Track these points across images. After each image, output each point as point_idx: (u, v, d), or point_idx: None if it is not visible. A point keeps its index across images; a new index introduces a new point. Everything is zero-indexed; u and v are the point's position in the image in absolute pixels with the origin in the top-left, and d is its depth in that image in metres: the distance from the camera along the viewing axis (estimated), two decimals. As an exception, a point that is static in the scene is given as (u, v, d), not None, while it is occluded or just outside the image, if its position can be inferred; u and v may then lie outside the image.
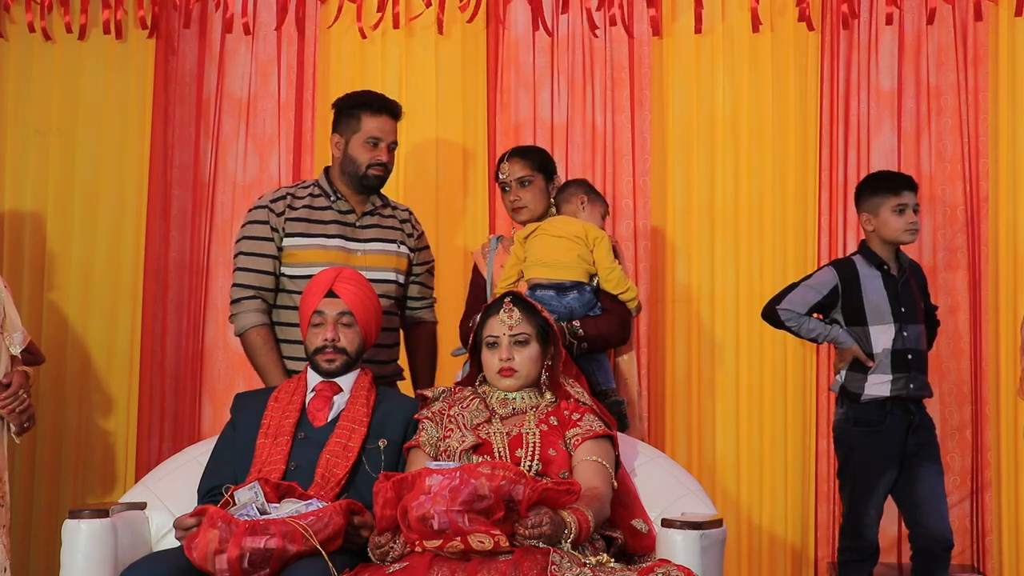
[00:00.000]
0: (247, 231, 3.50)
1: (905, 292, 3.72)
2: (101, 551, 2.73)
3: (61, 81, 4.55)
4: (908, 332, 3.69)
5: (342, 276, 3.11)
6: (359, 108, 3.53)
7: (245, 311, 3.44)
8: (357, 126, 3.51)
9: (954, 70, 4.38)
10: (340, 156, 3.55)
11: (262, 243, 3.47)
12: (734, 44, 4.47)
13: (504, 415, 2.91)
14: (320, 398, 3.02)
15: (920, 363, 3.71)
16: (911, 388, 3.68)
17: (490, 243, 3.82)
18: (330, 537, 2.59)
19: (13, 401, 3.45)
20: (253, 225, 3.49)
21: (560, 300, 3.46)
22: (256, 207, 3.53)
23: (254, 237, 3.48)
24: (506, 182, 3.67)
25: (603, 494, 2.74)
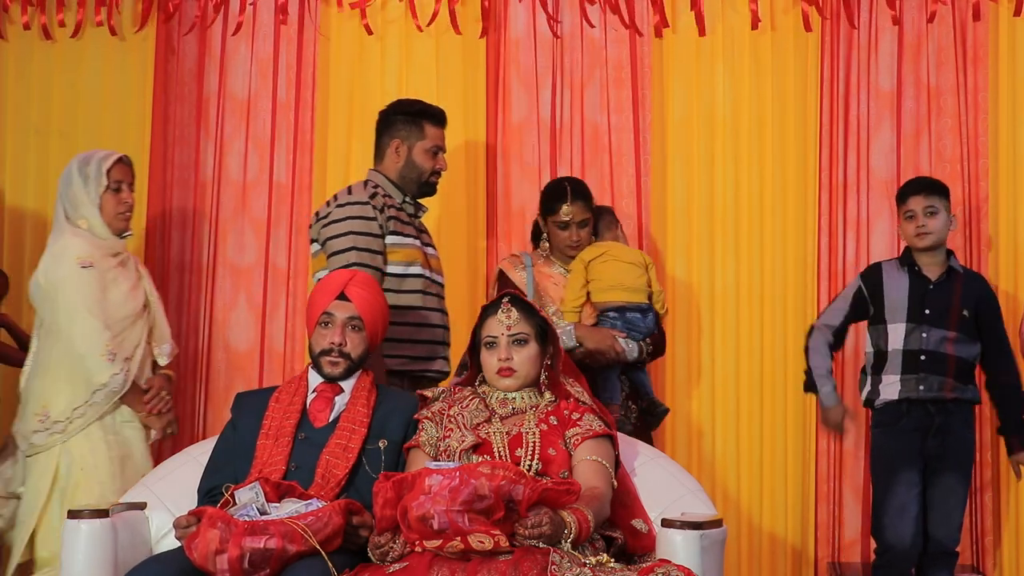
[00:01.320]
0: (355, 226, 3.44)
1: (938, 296, 3.72)
2: (101, 551, 2.73)
3: (61, 81, 4.55)
4: (928, 334, 3.69)
5: (356, 280, 3.10)
6: (422, 117, 3.62)
7: None
8: (421, 134, 3.61)
9: (954, 70, 4.38)
10: (402, 161, 3.60)
11: (374, 239, 3.46)
12: (734, 44, 4.47)
13: (504, 415, 2.91)
14: (321, 399, 3.02)
15: (937, 366, 3.68)
16: (921, 390, 3.67)
17: (523, 259, 3.90)
18: (329, 537, 2.59)
19: (157, 401, 3.52)
20: (362, 221, 3.45)
21: (643, 321, 3.81)
22: (356, 203, 3.48)
23: (366, 233, 3.45)
24: (568, 223, 3.81)
25: (603, 494, 2.74)
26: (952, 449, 3.68)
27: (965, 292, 3.75)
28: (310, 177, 4.56)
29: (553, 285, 3.85)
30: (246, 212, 4.56)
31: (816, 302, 4.37)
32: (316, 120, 4.57)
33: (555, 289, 3.85)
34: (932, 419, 3.68)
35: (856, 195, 4.41)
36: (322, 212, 3.55)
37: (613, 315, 3.81)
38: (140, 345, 3.58)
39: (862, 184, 4.41)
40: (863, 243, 4.39)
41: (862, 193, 4.41)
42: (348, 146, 4.56)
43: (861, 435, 4.34)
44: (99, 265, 3.49)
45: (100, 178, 3.55)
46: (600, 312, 3.83)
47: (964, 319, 3.72)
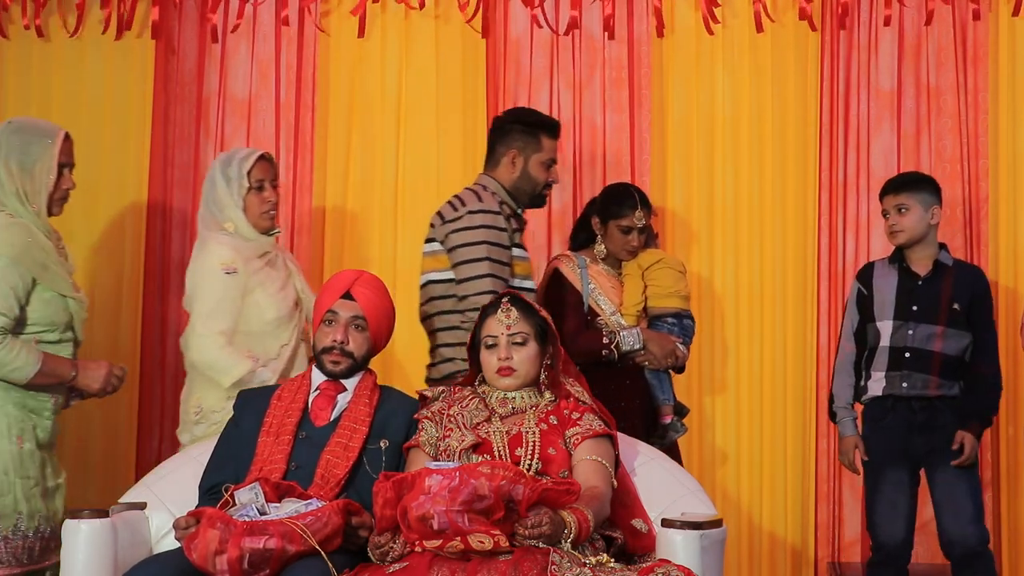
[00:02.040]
0: (490, 236, 3.44)
1: (926, 291, 3.71)
2: (101, 551, 2.73)
3: (61, 81, 4.55)
4: (914, 331, 3.68)
5: (361, 280, 3.10)
6: (539, 129, 3.61)
7: None
8: (538, 146, 3.59)
9: (953, 70, 4.38)
10: (517, 172, 3.59)
11: (504, 251, 3.45)
12: (734, 44, 4.47)
13: (504, 414, 2.91)
14: (324, 397, 3.02)
15: (922, 364, 3.67)
16: (904, 387, 3.67)
17: (577, 261, 3.87)
18: (329, 537, 2.59)
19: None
20: (495, 231, 3.44)
21: (694, 328, 3.95)
22: (488, 211, 3.46)
23: (498, 244, 3.44)
24: (632, 227, 3.83)
25: (603, 493, 2.74)
26: (943, 444, 3.64)
27: (957, 285, 3.72)
28: (310, 177, 4.56)
29: (611, 288, 3.85)
30: (246, 212, 4.56)
31: (816, 302, 4.37)
32: (316, 120, 4.57)
33: (612, 291, 3.85)
34: (916, 416, 3.67)
35: (856, 195, 4.41)
36: (449, 215, 3.49)
37: (672, 321, 3.89)
38: (289, 344, 3.52)
39: (862, 184, 4.41)
40: (863, 243, 4.39)
41: (862, 193, 4.41)
42: (348, 146, 4.56)
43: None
44: (245, 269, 3.44)
45: (241, 179, 3.50)
46: (655, 317, 3.89)
47: (955, 312, 3.69)
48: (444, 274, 3.49)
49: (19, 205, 3.24)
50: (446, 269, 3.48)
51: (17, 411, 3.19)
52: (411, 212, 4.51)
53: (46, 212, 3.29)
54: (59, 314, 3.26)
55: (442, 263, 3.50)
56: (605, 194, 3.97)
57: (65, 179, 3.32)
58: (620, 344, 3.71)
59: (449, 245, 3.47)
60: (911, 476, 3.70)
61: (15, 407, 3.19)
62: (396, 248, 4.51)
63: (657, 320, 3.90)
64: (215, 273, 3.42)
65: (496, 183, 3.58)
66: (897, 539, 3.66)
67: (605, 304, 3.81)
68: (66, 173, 3.33)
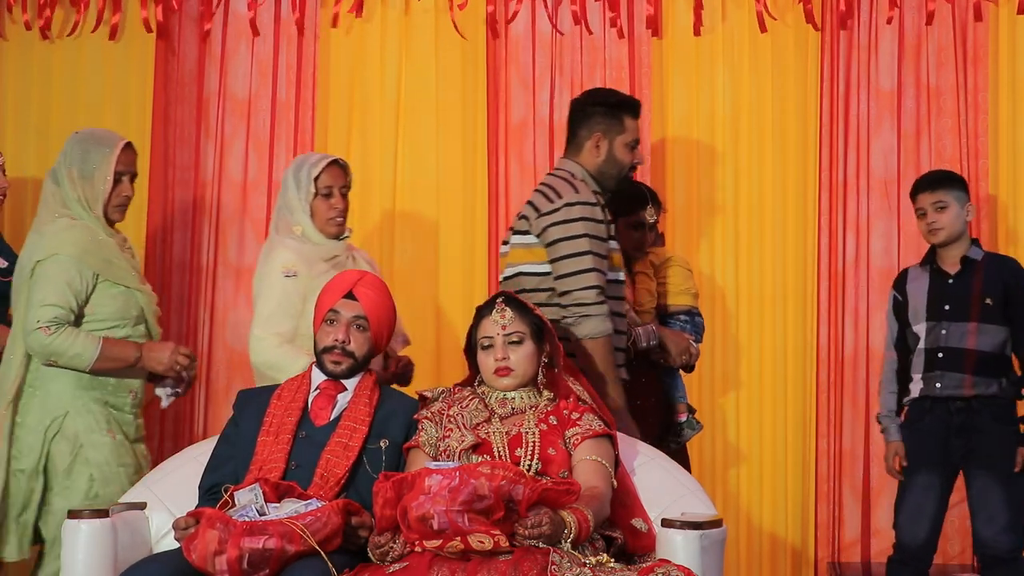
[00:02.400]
0: (590, 228, 3.34)
1: (956, 290, 3.67)
2: (101, 551, 2.73)
3: (61, 81, 4.55)
4: (947, 330, 3.65)
5: (364, 280, 3.10)
6: (620, 110, 3.52)
7: (603, 315, 3.29)
8: (621, 128, 3.50)
9: (954, 70, 4.38)
10: (602, 156, 3.49)
11: (603, 244, 3.37)
12: (734, 44, 4.47)
13: (503, 415, 2.91)
14: (324, 396, 3.02)
15: (954, 363, 3.63)
16: (938, 388, 3.64)
17: None
18: (328, 537, 2.59)
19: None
20: (594, 223, 3.35)
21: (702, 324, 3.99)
22: (586, 203, 3.37)
23: (598, 236, 3.36)
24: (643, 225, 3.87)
25: (603, 493, 2.74)
26: (981, 447, 3.59)
27: (988, 278, 3.66)
28: (310, 177, 4.55)
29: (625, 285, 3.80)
30: (247, 212, 4.57)
31: (816, 302, 4.37)
32: (316, 120, 4.57)
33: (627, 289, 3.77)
34: (952, 418, 3.62)
35: (856, 195, 4.41)
36: (545, 207, 3.38)
37: (684, 319, 3.92)
38: None
39: (862, 184, 4.41)
40: (863, 243, 4.39)
41: (862, 193, 4.41)
42: (348, 146, 4.56)
43: (860, 435, 4.35)
44: (308, 272, 3.44)
45: (309, 185, 3.50)
46: (667, 315, 3.90)
47: (987, 307, 3.62)
48: (539, 267, 3.39)
49: (81, 211, 3.37)
50: (541, 262, 3.38)
51: (100, 407, 3.31)
52: (411, 211, 4.52)
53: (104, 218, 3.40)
54: (128, 308, 3.37)
55: (536, 256, 3.40)
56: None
57: (124, 187, 3.43)
58: (636, 341, 3.69)
59: (548, 239, 3.36)
60: (944, 480, 3.66)
61: (97, 404, 3.31)
62: (394, 248, 4.51)
63: (670, 318, 3.90)
64: (276, 276, 3.44)
65: (581, 168, 3.48)
66: (918, 541, 3.65)
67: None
68: (124, 181, 3.43)
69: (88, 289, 3.30)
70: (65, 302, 3.25)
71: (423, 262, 4.51)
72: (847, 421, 4.37)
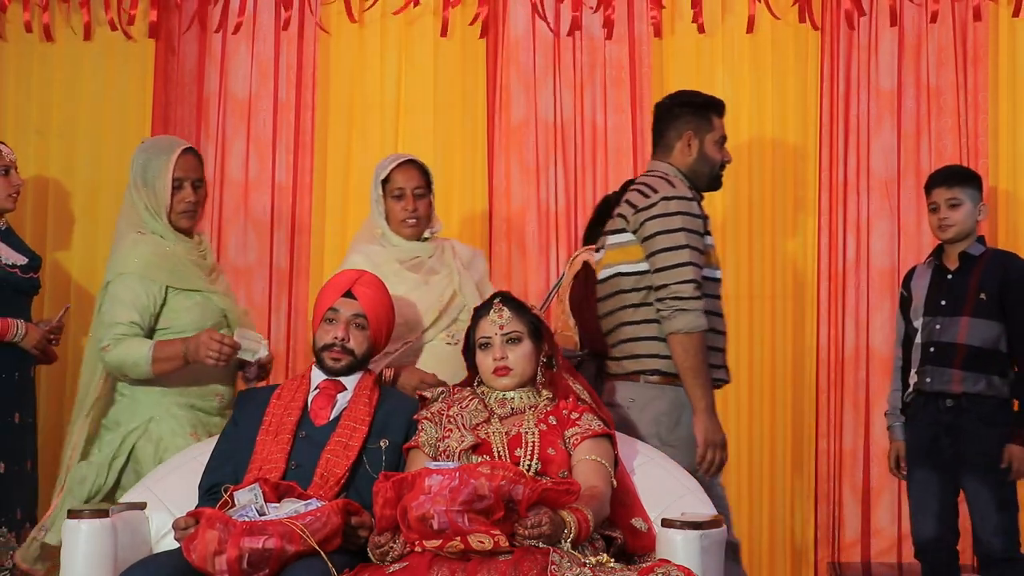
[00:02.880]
0: (687, 223, 3.27)
1: (953, 286, 3.65)
2: (101, 551, 2.73)
3: (61, 81, 4.55)
4: (941, 325, 3.62)
5: (363, 279, 3.11)
6: (708, 109, 3.48)
7: (699, 310, 3.22)
8: (709, 126, 3.45)
9: (954, 70, 4.38)
10: (693, 155, 3.43)
11: (700, 239, 3.32)
12: (734, 44, 4.47)
13: (503, 415, 2.91)
14: (323, 396, 3.02)
15: (943, 357, 3.60)
16: (928, 382, 3.61)
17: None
18: (328, 537, 2.59)
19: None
20: (691, 218, 3.30)
21: None
22: (683, 197, 3.31)
23: (695, 231, 3.30)
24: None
25: (602, 493, 2.74)
26: (969, 449, 3.56)
27: (985, 273, 3.62)
28: (311, 177, 4.56)
29: None
30: (247, 212, 4.57)
31: (816, 302, 4.37)
32: (316, 120, 4.57)
33: None
34: (942, 416, 3.59)
35: (856, 195, 4.42)
36: (641, 203, 3.33)
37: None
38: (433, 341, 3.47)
39: (862, 184, 4.42)
40: (863, 243, 4.39)
41: (862, 193, 4.41)
42: (348, 146, 4.57)
43: (860, 434, 4.35)
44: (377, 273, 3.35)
45: (378, 187, 3.51)
46: None
47: (981, 302, 3.59)
48: (635, 266, 3.34)
49: (150, 219, 3.36)
50: (637, 261, 3.33)
51: (184, 411, 3.31)
52: (411, 212, 4.52)
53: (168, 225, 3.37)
54: (206, 313, 3.35)
55: (631, 255, 3.35)
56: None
57: (185, 193, 3.37)
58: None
59: (645, 233, 3.30)
60: (941, 474, 3.62)
61: (180, 408, 3.31)
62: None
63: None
64: None
65: (674, 168, 3.43)
66: (927, 535, 3.63)
67: None
68: (186, 187, 3.38)
69: (157, 303, 3.28)
70: (128, 319, 3.24)
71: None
72: (847, 421, 4.37)
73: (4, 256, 3.72)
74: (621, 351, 3.36)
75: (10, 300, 3.70)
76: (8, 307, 3.68)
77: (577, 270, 3.74)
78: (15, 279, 3.72)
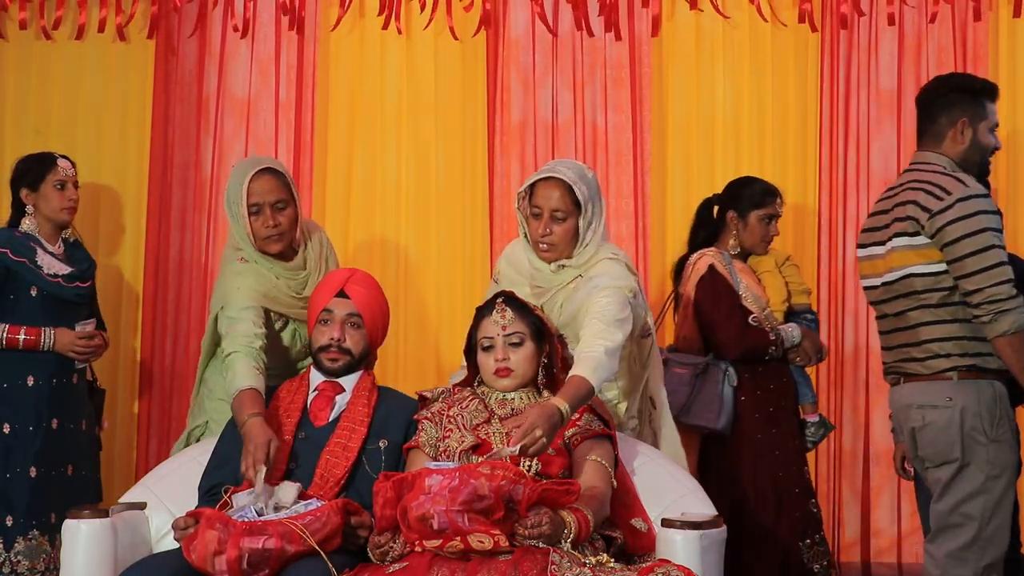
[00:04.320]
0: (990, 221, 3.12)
1: None
2: (101, 551, 2.73)
3: (61, 81, 4.55)
4: None
5: (355, 278, 3.11)
6: (982, 95, 3.34)
7: (1020, 307, 3.07)
8: (983, 112, 3.31)
9: (954, 70, 4.38)
10: (966, 144, 3.29)
11: (1002, 235, 3.18)
12: (734, 44, 4.47)
13: (503, 416, 2.91)
14: (322, 398, 3.02)
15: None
16: None
17: (724, 258, 3.82)
18: (328, 537, 2.59)
19: None
20: (990, 216, 3.14)
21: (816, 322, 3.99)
22: (980, 195, 3.19)
23: (998, 229, 3.16)
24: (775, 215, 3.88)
25: (603, 493, 2.74)
26: None
27: None
28: (311, 177, 4.56)
29: (756, 284, 3.84)
30: (247, 212, 4.56)
31: (816, 302, 4.36)
32: (316, 120, 4.57)
33: (758, 288, 3.83)
34: None
35: (856, 195, 4.42)
36: (935, 207, 3.17)
37: (810, 317, 3.95)
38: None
39: (862, 184, 4.42)
40: (863, 243, 4.38)
41: (862, 193, 4.41)
42: (349, 146, 4.56)
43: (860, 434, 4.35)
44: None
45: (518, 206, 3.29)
46: (793, 313, 3.91)
47: None
48: (931, 267, 3.20)
49: (246, 245, 3.28)
50: (933, 263, 3.18)
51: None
52: (412, 210, 4.52)
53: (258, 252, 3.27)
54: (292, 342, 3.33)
55: (926, 256, 3.20)
56: (739, 187, 3.91)
57: (264, 218, 3.23)
58: (783, 341, 3.73)
59: (946, 239, 3.14)
60: None
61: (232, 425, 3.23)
62: (396, 247, 4.51)
63: (796, 316, 3.90)
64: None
65: (947, 159, 3.29)
66: None
67: (755, 301, 3.78)
68: (266, 212, 3.23)
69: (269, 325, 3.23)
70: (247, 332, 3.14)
71: (423, 262, 4.51)
72: (847, 421, 4.37)
73: (47, 267, 3.76)
74: (924, 351, 3.21)
75: (56, 310, 3.76)
76: (53, 317, 3.75)
77: (702, 273, 3.78)
78: (59, 289, 3.76)
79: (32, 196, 3.83)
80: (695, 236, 3.97)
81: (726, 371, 3.72)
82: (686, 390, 3.72)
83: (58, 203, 3.83)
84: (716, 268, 3.79)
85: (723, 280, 3.77)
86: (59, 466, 3.76)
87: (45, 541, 3.69)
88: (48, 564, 3.66)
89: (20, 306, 3.73)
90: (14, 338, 3.69)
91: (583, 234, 3.17)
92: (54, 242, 3.85)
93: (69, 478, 3.77)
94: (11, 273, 3.72)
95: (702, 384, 3.73)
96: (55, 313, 3.76)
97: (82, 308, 3.85)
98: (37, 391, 3.73)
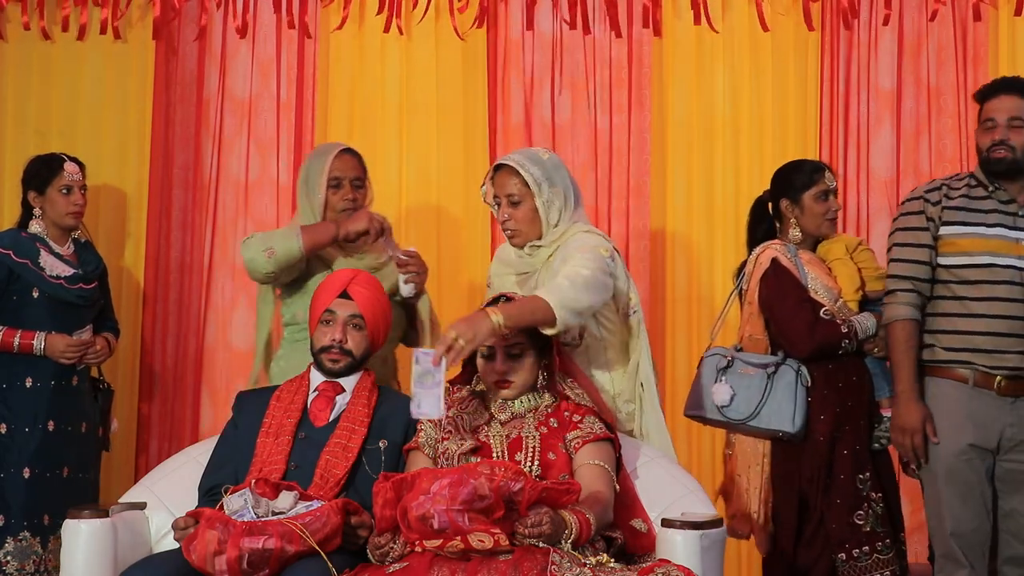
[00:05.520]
0: (901, 223, 3.33)
1: None
2: (101, 551, 2.73)
3: (61, 82, 4.55)
4: None
5: (358, 279, 3.11)
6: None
7: (897, 303, 3.27)
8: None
9: (954, 70, 4.39)
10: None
11: (918, 233, 3.30)
12: (734, 44, 4.47)
13: (503, 419, 2.90)
14: (322, 398, 3.02)
15: None
16: None
17: (789, 250, 3.58)
18: (328, 536, 2.59)
19: None
20: (908, 216, 3.32)
21: None
22: (910, 199, 3.35)
23: (909, 228, 3.31)
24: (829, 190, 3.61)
25: (606, 498, 2.73)
26: None
27: None
28: (310, 177, 4.55)
29: (826, 274, 3.59)
30: (247, 212, 4.56)
31: (817, 301, 4.37)
32: (317, 120, 4.57)
33: (828, 277, 3.59)
34: None
35: (856, 195, 4.42)
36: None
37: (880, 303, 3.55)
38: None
39: (862, 184, 4.42)
40: (863, 243, 4.39)
41: (862, 193, 4.41)
42: (349, 146, 4.56)
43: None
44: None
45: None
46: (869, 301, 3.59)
47: None
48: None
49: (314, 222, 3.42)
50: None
51: None
52: (413, 210, 4.52)
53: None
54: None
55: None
56: (785, 173, 3.68)
57: (344, 191, 3.45)
58: (857, 333, 3.46)
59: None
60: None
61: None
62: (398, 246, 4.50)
63: (871, 304, 3.58)
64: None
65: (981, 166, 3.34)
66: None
67: (826, 292, 3.54)
68: (345, 185, 3.45)
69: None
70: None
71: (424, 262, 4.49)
72: (847, 421, 4.36)
73: (50, 268, 3.77)
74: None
75: (60, 311, 3.77)
76: (57, 318, 3.76)
77: (765, 268, 3.53)
78: (60, 291, 3.76)
79: (39, 199, 3.85)
80: (753, 235, 3.73)
81: (799, 371, 3.43)
82: (756, 393, 3.43)
83: (63, 208, 3.84)
84: (780, 261, 3.52)
85: (788, 273, 3.50)
86: (54, 468, 3.76)
87: (36, 543, 3.69)
88: (38, 566, 3.66)
89: (24, 308, 3.74)
90: (9, 342, 3.70)
91: (545, 215, 3.20)
92: (63, 243, 3.86)
93: (64, 480, 3.77)
94: (13, 275, 3.72)
95: (774, 386, 3.44)
96: (59, 315, 3.76)
97: (87, 310, 3.85)
98: (36, 392, 3.74)
